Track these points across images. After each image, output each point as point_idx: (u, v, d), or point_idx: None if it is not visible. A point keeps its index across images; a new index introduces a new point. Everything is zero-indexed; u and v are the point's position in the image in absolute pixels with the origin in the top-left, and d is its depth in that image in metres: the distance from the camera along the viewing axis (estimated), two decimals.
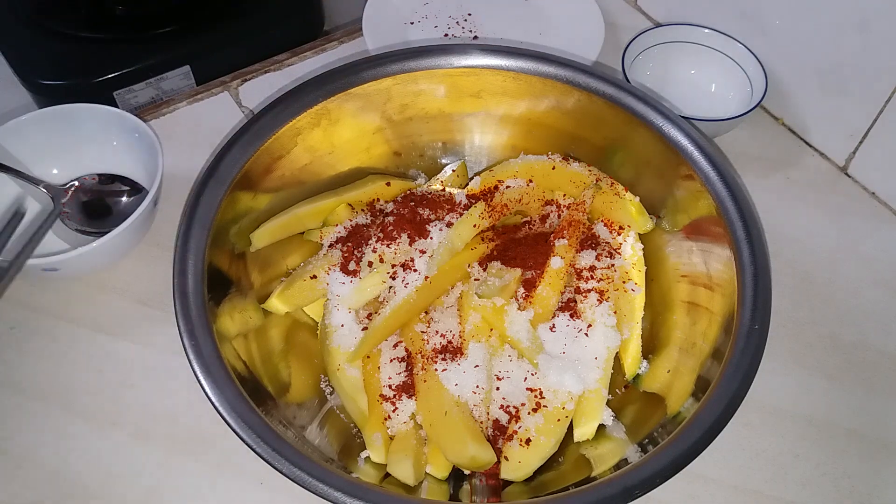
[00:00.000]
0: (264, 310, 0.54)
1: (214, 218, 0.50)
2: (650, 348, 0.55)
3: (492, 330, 0.53)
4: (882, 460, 0.54)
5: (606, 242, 0.58)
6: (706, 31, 0.71)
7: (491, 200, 0.58)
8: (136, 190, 0.62)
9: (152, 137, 0.59)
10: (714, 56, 0.71)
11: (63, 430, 0.53)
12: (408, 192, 0.60)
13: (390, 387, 0.52)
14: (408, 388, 0.52)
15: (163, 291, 0.59)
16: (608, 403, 0.52)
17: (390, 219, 0.57)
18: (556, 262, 0.54)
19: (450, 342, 0.53)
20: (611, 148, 0.59)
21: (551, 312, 0.54)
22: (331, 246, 0.57)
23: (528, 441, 0.49)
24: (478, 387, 0.50)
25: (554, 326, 0.53)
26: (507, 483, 0.49)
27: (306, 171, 0.57)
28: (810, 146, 0.71)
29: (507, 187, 0.60)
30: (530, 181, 0.60)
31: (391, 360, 0.53)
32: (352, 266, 0.56)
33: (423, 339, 0.53)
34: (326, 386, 0.54)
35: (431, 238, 0.56)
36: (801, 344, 0.59)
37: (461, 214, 0.58)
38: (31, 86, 0.89)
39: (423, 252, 0.55)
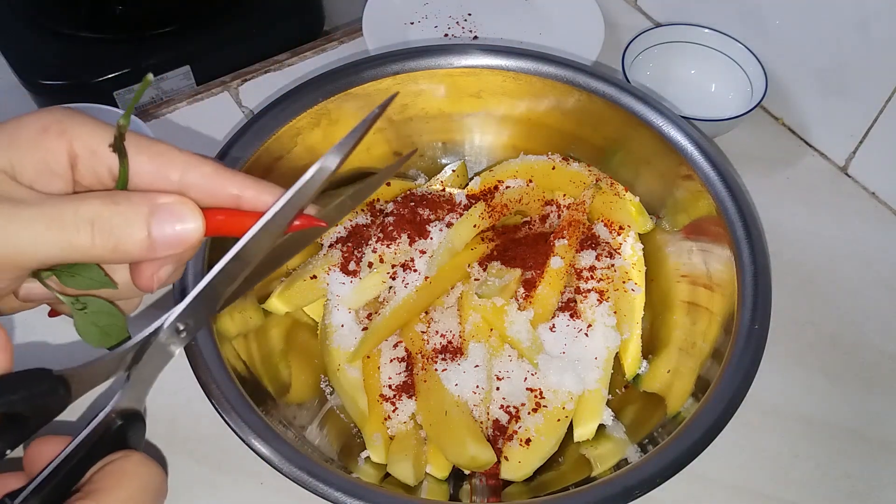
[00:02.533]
0: (264, 310, 0.54)
1: None
2: (650, 348, 0.55)
3: (492, 330, 0.53)
4: (882, 460, 0.54)
5: (606, 242, 0.58)
6: (706, 31, 0.71)
7: (491, 200, 0.58)
8: None
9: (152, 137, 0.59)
10: (714, 56, 0.71)
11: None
12: (408, 192, 0.60)
13: (390, 387, 0.52)
14: (408, 388, 0.52)
15: (162, 291, 0.59)
16: (608, 403, 0.52)
17: (390, 219, 0.57)
18: (556, 262, 0.54)
19: (450, 342, 0.53)
20: (611, 148, 0.59)
21: (551, 312, 0.54)
22: (331, 246, 0.57)
23: (528, 441, 0.49)
24: (478, 387, 0.50)
25: (554, 326, 0.53)
26: (507, 483, 0.49)
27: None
28: (810, 146, 0.71)
29: (507, 187, 0.60)
30: (530, 181, 0.60)
31: (391, 360, 0.53)
32: (352, 266, 0.56)
33: (423, 339, 0.53)
34: (326, 386, 0.54)
35: (431, 238, 0.56)
36: (801, 344, 0.59)
37: (461, 214, 0.58)
38: (31, 86, 0.89)
39: (423, 252, 0.55)
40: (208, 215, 0.32)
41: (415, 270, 0.54)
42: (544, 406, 0.50)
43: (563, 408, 0.50)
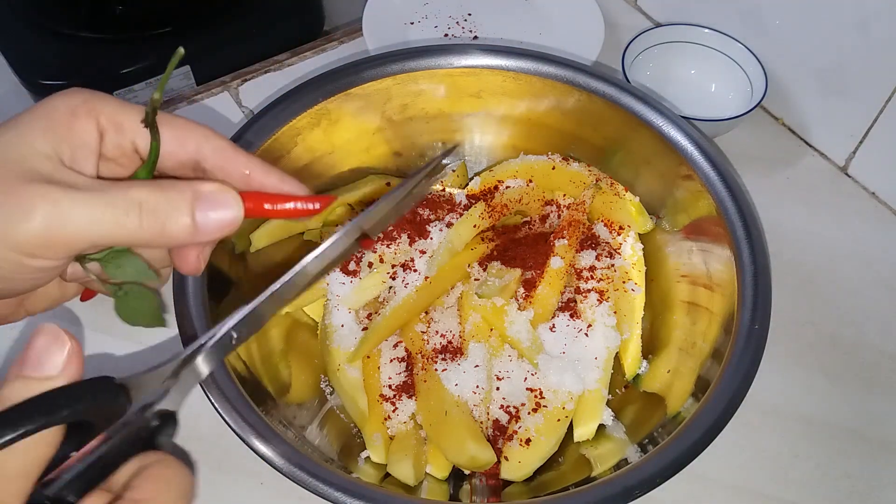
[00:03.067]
0: None
1: None
2: (650, 348, 0.55)
3: (492, 330, 0.53)
4: (882, 460, 0.54)
5: (606, 242, 0.58)
6: (706, 31, 0.71)
7: (491, 200, 0.58)
8: None
9: None
10: (714, 56, 0.71)
11: None
12: None
13: (390, 387, 0.52)
14: (408, 388, 0.52)
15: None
16: (608, 403, 0.52)
17: None
18: (556, 262, 0.54)
19: (450, 342, 0.53)
20: (611, 148, 0.59)
21: (551, 312, 0.54)
22: None
23: (528, 441, 0.49)
24: (478, 387, 0.50)
25: (554, 326, 0.53)
26: (507, 483, 0.49)
27: (306, 171, 0.57)
28: (810, 146, 0.71)
29: (507, 187, 0.60)
30: (530, 181, 0.60)
31: (391, 360, 0.53)
32: (352, 266, 0.56)
33: (423, 339, 0.53)
34: (326, 386, 0.54)
35: (431, 238, 0.56)
36: (801, 344, 0.59)
37: (461, 214, 0.58)
38: (31, 86, 0.89)
39: (423, 252, 0.55)
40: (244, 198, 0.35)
41: (415, 270, 0.54)
42: (544, 406, 0.50)
43: (563, 408, 0.50)
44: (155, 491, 0.31)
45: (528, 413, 0.50)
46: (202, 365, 0.36)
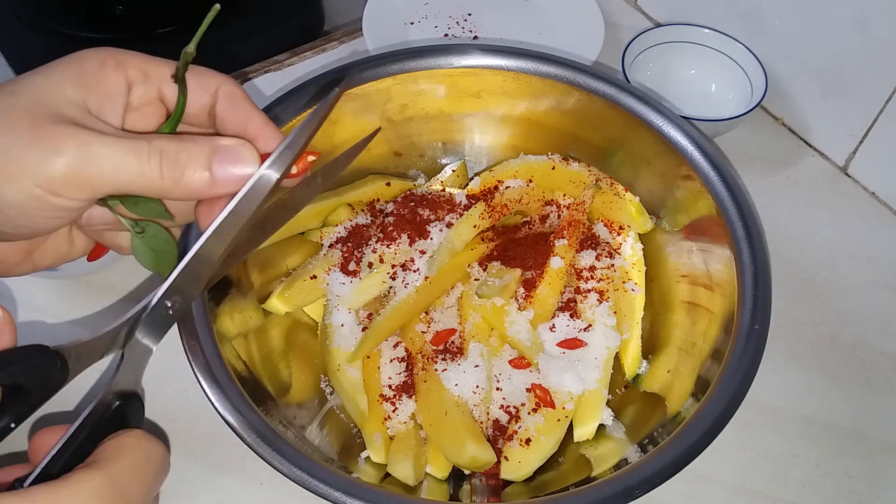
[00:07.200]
0: (264, 310, 0.54)
1: None
2: (650, 348, 0.55)
3: (492, 330, 0.53)
4: (882, 460, 0.54)
5: (606, 242, 0.58)
6: (706, 31, 0.71)
7: (491, 200, 0.58)
8: None
9: None
10: (714, 56, 0.71)
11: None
12: (408, 192, 0.60)
13: (390, 387, 0.52)
14: (408, 388, 0.52)
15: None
16: (608, 403, 0.52)
17: (390, 219, 0.57)
18: (556, 262, 0.54)
19: (450, 342, 0.53)
20: (611, 148, 0.59)
21: (551, 312, 0.54)
22: (331, 246, 0.57)
23: (528, 441, 0.49)
24: (478, 387, 0.50)
25: (554, 326, 0.53)
26: (507, 483, 0.49)
27: None
28: (810, 146, 0.71)
29: (507, 187, 0.60)
30: (530, 181, 0.60)
31: (391, 360, 0.53)
32: (352, 266, 0.56)
33: (423, 339, 0.53)
34: (326, 386, 0.54)
35: (431, 238, 0.56)
36: (801, 344, 0.59)
37: (461, 215, 0.58)
38: None
39: (423, 252, 0.55)
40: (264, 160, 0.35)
41: (415, 270, 0.54)
42: (544, 406, 0.50)
43: (563, 408, 0.50)
44: (115, 452, 0.32)
45: (528, 413, 0.50)
46: (145, 338, 0.36)
